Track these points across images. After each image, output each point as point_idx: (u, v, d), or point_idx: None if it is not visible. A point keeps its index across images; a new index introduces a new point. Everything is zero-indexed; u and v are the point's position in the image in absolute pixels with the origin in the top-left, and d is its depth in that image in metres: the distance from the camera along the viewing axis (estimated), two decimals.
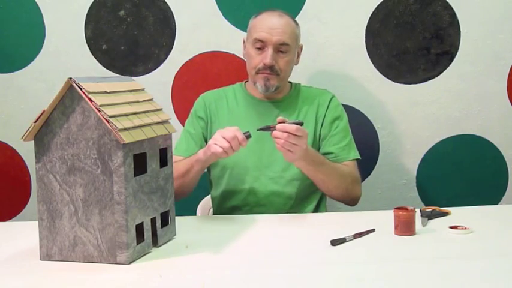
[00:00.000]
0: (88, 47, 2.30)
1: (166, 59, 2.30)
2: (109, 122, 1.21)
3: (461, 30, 2.25)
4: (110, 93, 1.29)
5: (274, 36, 1.80)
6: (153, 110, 1.38)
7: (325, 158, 1.79)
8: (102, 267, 1.24)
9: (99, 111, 1.22)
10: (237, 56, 2.26)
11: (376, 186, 2.31)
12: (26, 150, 2.36)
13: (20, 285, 1.17)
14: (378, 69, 2.28)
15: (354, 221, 1.57)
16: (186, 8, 2.28)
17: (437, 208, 1.63)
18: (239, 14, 2.25)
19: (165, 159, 1.40)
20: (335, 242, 1.36)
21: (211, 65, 2.29)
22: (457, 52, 2.26)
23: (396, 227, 1.44)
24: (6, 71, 2.34)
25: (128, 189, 1.24)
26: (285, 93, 1.93)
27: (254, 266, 1.24)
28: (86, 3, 2.28)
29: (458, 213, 1.62)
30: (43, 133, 1.28)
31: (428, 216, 1.58)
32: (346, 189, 1.80)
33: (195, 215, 2.00)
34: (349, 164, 1.85)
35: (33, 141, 1.29)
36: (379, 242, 1.38)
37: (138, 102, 1.36)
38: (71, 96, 1.25)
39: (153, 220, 1.34)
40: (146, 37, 2.29)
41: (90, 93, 1.23)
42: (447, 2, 2.24)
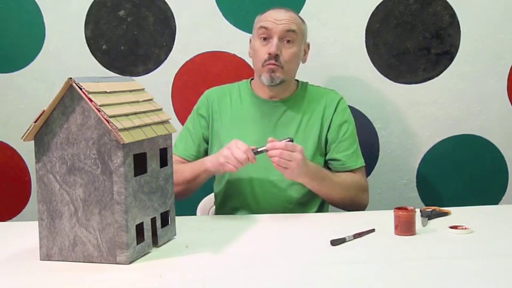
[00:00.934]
0: (88, 47, 2.30)
1: (166, 59, 2.30)
2: (109, 122, 1.21)
3: (461, 30, 2.25)
4: (110, 93, 1.29)
5: (279, 25, 1.78)
6: (153, 110, 1.38)
7: (328, 172, 1.77)
8: (102, 267, 1.24)
9: (99, 111, 1.22)
10: (237, 56, 2.26)
11: (376, 186, 2.30)
12: (26, 150, 2.36)
13: (20, 285, 1.17)
14: (378, 69, 2.28)
15: (354, 221, 1.57)
16: (186, 8, 2.28)
17: (437, 208, 1.63)
18: (239, 14, 2.25)
19: (165, 159, 1.40)
20: (335, 242, 1.36)
21: (211, 65, 2.29)
22: (457, 52, 2.26)
23: (396, 227, 1.44)
24: (6, 71, 2.34)
25: (128, 189, 1.24)
26: (290, 92, 1.89)
27: (254, 266, 1.24)
28: (86, 3, 2.28)
29: (458, 213, 1.62)
30: (43, 133, 1.28)
31: (428, 216, 1.57)
32: (351, 200, 1.79)
33: (195, 215, 2.00)
34: (356, 172, 1.84)
35: (33, 141, 1.29)
36: (379, 242, 1.38)
37: (138, 102, 1.36)
38: (71, 96, 1.25)
39: (153, 220, 1.34)
40: (146, 37, 2.29)
41: (90, 93, 1.23)
42: (447, 2, 2.24)
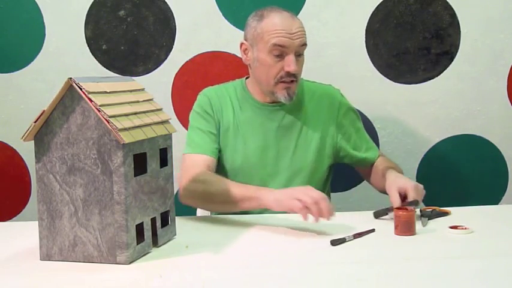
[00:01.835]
0: (88, 47, 2.30)
1: (166, 59, 2.30)
2: (109, 122, 1.21)
3: (461, 30, 2.25)
4: (110, 93, 1.29)
5: (295, 40, 1.68)
6: (153, 110, 1.38)
7: (394, 172, 1.74)
8: (102, 267, 1.24)
9: (99, 111, 1.22)
10: (237, 56, 2.26)
11: None
12: (26, 150, 2.36)
13: (20, 285, 1.17)
14: (378, 69, 2.28)
15: (354, 221, 1.57)
16: (186, 8, 2.27)
17: (437, 208, 1.63)
18: (239, 14, 2.25)
19: (165, 159, 1.40)
20: (335, 242, 1.36)
21: (211, 65, 2.29)
22: (457, 52, 2.26)
23: (396, 227, 1.44)
24: (6, 71, 2.34)
25: (128, 189, 1.24)
26: None
27: (254, 266, 1.24)
28: (86, 3, 2.28)
29: (458, 213, 1.62)
30: (43, 133, 1.28)
31: (428, 216, 1.58)
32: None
33: (195, 215, 2.00)
34: (381, 156, 1.89)
35: (33, 141, 1.29)
36: (379, 242, 1.38)
37: (138, 102, 1.36)
38: (71, 96, 1.25)
39: (153, 220, 1.34)
40: (146, 37, 2.29)
41: (90, 93, 1.23)
42: (447, 2, 2.24)
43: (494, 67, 2.27)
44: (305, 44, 1.72)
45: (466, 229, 1.43)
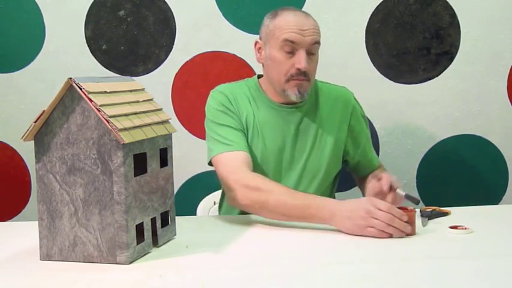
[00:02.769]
0: (88, 47, 2.30)
1: (166, 59, 2.30)
2: (109, 122, 1.21)
3: (461, 30, 2.25)
4: (110, 93, 1.29)
5: (306, 36, 1.64)
6: (153, 110, 1.38)
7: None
8: (102, 267, 1.24)
9: (99, 111, 1.22)
10: (237, 56, 2.26)
11: None
12: (26, 150, 2.36)
13: (20, 285, 1.17)
14: (378, 69, 2.28)
15: None
16: (186, 8, 2.28)
17: (437, 208, 1.63)
18: (239, 14, 2.25)
19: (165, 159, 1.40)
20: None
21: (211, 65, 2.29)
22: (457, 52, 2.27)
23: None
24: (6, 71, 2.34)
25: (128, 189, 1.24)
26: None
27: (254, 266, 1.24)
28: (86, 3, 2.28)
29: (458, 213, 1.62)
30: (43, 133, 1.28)
31: (428, 216, 1.57)
32: None
33: (195, 215, 2.00)
34: (380, 167, 1.89)
35: (33, 141, 1.29)
36: (380, 242, 1.38)
37: (138, 102, 1.36)
38: (71, 96, 1.25)
39: (153, 220, 1.34)
40: (146, 37, 2.29)
41: (90, 93, 1.23)
42: (447, 2, 2.24)
43: (494, 67, 2.27)
44: (317, 43, 1.67)
45: (466, 229, 1.43)
